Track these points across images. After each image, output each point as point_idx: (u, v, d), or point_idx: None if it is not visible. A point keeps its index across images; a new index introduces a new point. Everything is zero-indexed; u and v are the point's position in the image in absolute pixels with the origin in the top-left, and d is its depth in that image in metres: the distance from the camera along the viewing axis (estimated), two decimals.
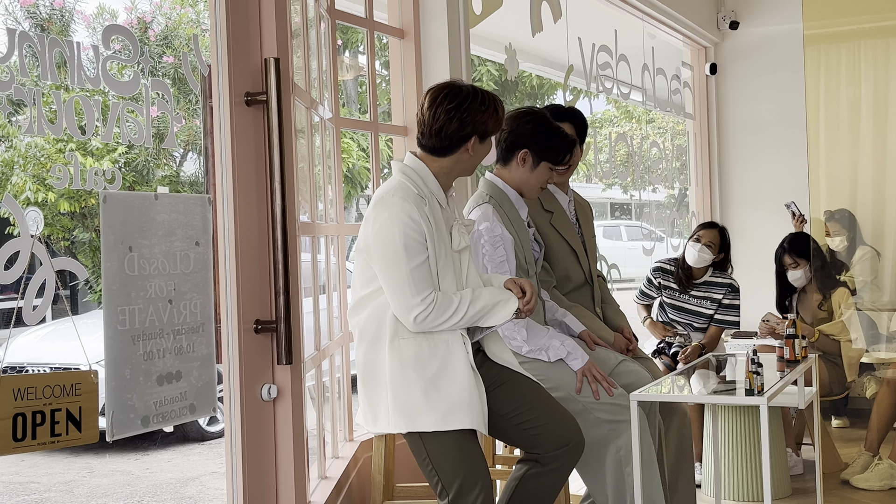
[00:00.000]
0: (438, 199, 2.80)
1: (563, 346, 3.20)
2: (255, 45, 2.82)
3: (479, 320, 2.74)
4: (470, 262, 2.86)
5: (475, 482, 2.71)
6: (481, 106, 2.78)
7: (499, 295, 2.76)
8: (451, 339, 2.72)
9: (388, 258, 2.67)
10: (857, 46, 5.56)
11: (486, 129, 2.80)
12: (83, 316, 9.50)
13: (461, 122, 2.75)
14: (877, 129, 5.48)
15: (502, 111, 2.86)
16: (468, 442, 2.73)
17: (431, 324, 2.68)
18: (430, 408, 2.67)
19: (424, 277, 2.67)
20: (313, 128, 3.53)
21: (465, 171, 2.88)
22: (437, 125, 2.76)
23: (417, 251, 2.67)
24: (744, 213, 6.87)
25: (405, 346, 2.70)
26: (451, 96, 2.77)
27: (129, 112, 2.45)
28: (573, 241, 3.54)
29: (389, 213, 2.68)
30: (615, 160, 6.16)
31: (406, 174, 2.77)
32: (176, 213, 2.50)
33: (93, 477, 6.82)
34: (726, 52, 6.93)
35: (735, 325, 5.21)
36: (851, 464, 4.90)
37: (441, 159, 2.80)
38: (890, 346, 5.31)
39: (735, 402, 4.10)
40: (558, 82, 5.38)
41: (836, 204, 5.51)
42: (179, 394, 2.51)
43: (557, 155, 3.29)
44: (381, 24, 4.05)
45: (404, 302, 2.67)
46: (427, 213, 2.71)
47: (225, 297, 2.77)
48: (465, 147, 2.79)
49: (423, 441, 2.71)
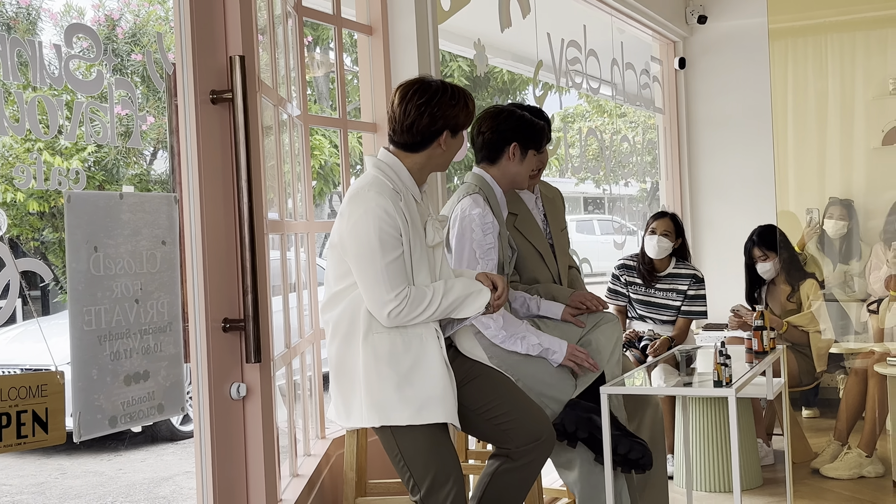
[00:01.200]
0: (413, 193, 2.81)
1: (540, 343, 3.22)
2: (220, 42, 2.81)
3: (452, 312, 2.76)
4: (444, 256, 2.87)
5: (447, 478, 2.72)
6: (451, 100, 2.79)
7: (471, 286, 2.78)
8: (425, 334, 2.73)
9: (363, 253, 2.67)
10: (823, 40, 5.60)
11: (457, 123, 2.81)
12: (54, 316, 9.44)
13: (432, 117, 2.76)
14: (844, 122, 5.53)
15: (472, 105, 2.87)
16: (440, 437, 2.74)
17: (405, 318, 2.68)
18: (404, 402, 2.68)
19: (399, 273, 2.68)
20: (281, 125, 3.52)
21: (438, 167, 2.89)
22: (409, 121, 2.77)
23: (392, 246, 2.67)
24: (713, 206, 6.91)
25: (379, 340, 2.70)
26: (421, 91, 2.78)
27: (94, 111, 2.44)
28: (538, 243, 3.55)
29: (365, 208, 2.68)
30: (587, 155, 6.18)
31: (380, 169, 2.78)
32: (142, 213, 2.49)
33: (65, 478, 6.77)
34: (695, 46, 6.97)
35: (702, 315, 5.25)
36: (821, 453, 4.95)
37: (414, 155, 2.81)
38: (859, 336, 5.37)
39: (704, 393, 4.13)
40: (529, 77, 5.38)
41: (804, 198, 5.56)
42: (147, 393, 2.50)
43: (540, 141, 3.42)
44: (349, 20, 4.04)
45: (378, 297, 2.67)
46: (402, 207, 2.71)
47: (192, 296, 2.76)
48: (437, 142, 2.80)
49: (394, 436, 2.72)
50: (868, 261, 5.35)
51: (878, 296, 5.20)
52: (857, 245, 5.44)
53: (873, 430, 4.78)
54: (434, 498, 2.72)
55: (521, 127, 3.38)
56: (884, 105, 5.42)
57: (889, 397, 4.68)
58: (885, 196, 5.38)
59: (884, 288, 5.14)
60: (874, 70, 5.48)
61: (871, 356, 4.92)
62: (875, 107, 5.45)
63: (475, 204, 3.23)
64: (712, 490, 4.71)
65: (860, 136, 5.49)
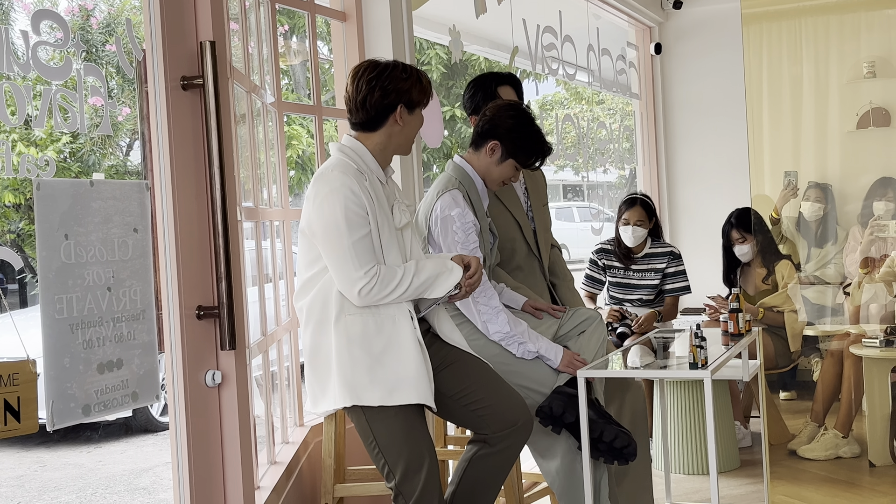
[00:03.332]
0: (378, 175, 2.81)
1: (537, 352, 3.21)
2: (191, 28, 2.79)
3: (424, 292, 2.75)
4: (413, 238, 2.87)
5: (421, 463, 2.72)
6: (402, 74, 2.80)
7: (442, 266, 2.78)
8: (398, 315, 2.73)
9: (330, 232, 2.67)
10: (797, 24, 5.62)
11: (410, 99, 2.81)
12: (33, 308, 9.37)
13: (383, 91, 2.77)
14: (818, 106, 5.55)
15: (427, 82, 2.87)
16: (414, 422, 2.74)
17: (376, 297, 2.68)
18: (376, 383, 2.68)
19: (367, 251, 2.68)
20: (255, 112, 3.51)
21: (400, 147, 2.87)
22: (360, 97, 2.79)
23: (359, 224, 2.68)
24: (689, 191, 6.94)
25: (351, 322, 2.70)
26: (370, 68, 2.81)
27: (64, 98, 2.42)
28: (517, 213, 3.54)
29: (330, 188, 2.69)
30: (565, 142, 6.19)
31: (343, 152, 2.79)
32: (112, 200, 2.47)
33: (44, 471, 6.74)
34: (670, 31, 6.98)
35: (686, 290, 5.26)
36: (798, 435, 4.99)
37: (373, 134, 2.81)
38: (835, 319, 5.40)
39: (679, 376, 4.16)
40: (506, 64, 5.38)
41: (779, 182, 5.58)
42: (121, 382, 2.49)
43: (528, 157, 3.29)
44: (323, 6, 4.03)
45: (347, 276, 2.67)
46: (367, 187, 2.72)
47: (165, 283, 2.75)
48: (393, 117, 2.80)
49: (367, 420, 2.72)
50: (845, 244, 5.39)
51: (854, 278, 5.24)
52: (832, 229, 5.47)
53: (849, 411, 4.82)
54: (409, 484, 2.72)
55: (515, 132, 3.26)
56: (858, 89, 5.44)
57: (864, 378, 4.72)
58: (861, 180, 5.41)
59: (859, 269, 5.17)
60: (848, 54, 5.50)
61: (846, 338, 4.96)
62: (849, 91, 5.47)
63: (454, 203, 3.20)
64: (690, 472, 4.74)
65: (834, 120, 5.51)
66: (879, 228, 5.20)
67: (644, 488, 3.56)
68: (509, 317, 3.20)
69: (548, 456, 3.34)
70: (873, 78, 5.38)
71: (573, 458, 3.26)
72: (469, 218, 3.18)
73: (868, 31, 5.52)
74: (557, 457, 3.31)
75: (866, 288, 5.18)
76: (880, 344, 4.67)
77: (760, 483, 4.42)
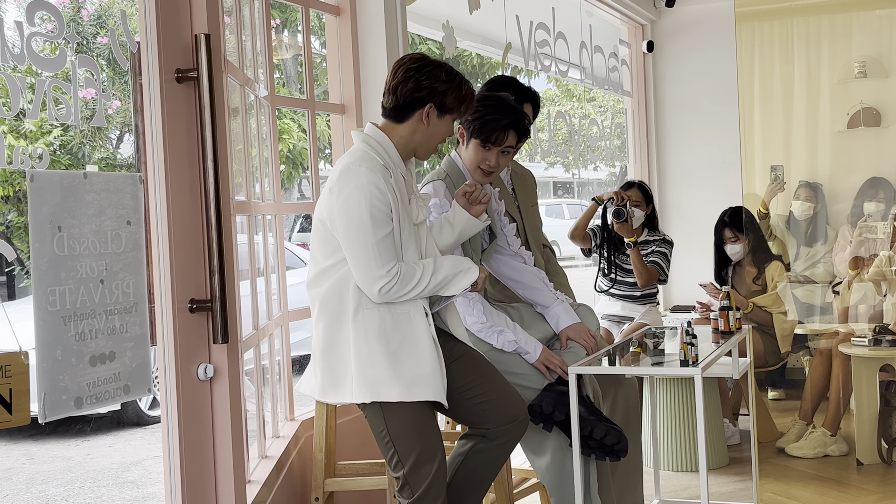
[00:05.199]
0: (401, 170, 2.79)
1: (516, 341, 3.22)
2: (185, 20, 2.79)
3: (441, 290, 2.75)
4: (429, 234, 2.86)
5: (433, 456, 2.73)
6: (445, 76, 2.77)
7: (459, 265, 2.78)
8: (414, 312, 2.73)
9: (354, 229, 2.66)
10: (789, 23, 5.63)
11: (444, 102, 2.77)
12: (20, 301, 9.34)
13: (417, 83, 2.75)
14: (809, 105, 5.57)
15: (469, 92, 2.81)
16: (426, 417, 2.75)
17: (396, 295, 2.68)
18: (395, 379, 2.67)
19: (389, 249, 2.67)
20: (248, 106, 3.50)
21: (420, 147, 2.83)
22: (395, 82, 2.78)
23: (384, 222, 2.66)
24: (680, 189, 6.96)
25: (369, 317, 2.69)
26: (415, 60, 2.81)
27: (57, 90, 2.41)
28: (512, 211, 3.55)
29: (356, 184, 2.66)
30: (556, 139, 6.19)
31: (368, 144, 2.76)
32: (106, 192, 2.46)
33: (32, 464, 6.72)
34: (663, 29, 6.99)
35: (659, 269, 5.22)
36: (786, 433, 5.01)
37: (398, 126, 2.79)
38: (823, 318, 5.43)
39: (670, 373, 4.17)
40: (498, 61, 5.38)
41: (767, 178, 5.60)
42: (113, 374, 2.48)
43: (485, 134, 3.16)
44: (317, 0, 4.02)
45: (369, 273, 2.66)
46: (393, 184, 2.70)
47: (158, 276, 2.75)
48: (420, 113, 2.76)
49: (383, 413, 2.71)
50: (835, 243, 5.41)
51: (844, 277, 5.26)
52: (822, 228, 5.49)
53: (837, 410, 4.84)
54: (417, 475, 2.72)
55: (473, 115, 3.16)
56: (848, 89, 5.46)
57: (853, 377, 4.74)
58: (851, 179, 5.43)
59: (848, 268, 5.20)
60: (839, 54, 5.52)
61: (835, 337, 4.98)
62: (840, 90, 5.49)
63: (434, 193, 3.21)
64: (679, 469, 4.76)
65: (825, 119, 5.53)
66: (869, 229, 5.22)
67: (634, 484, 3.57)
68: (486, 307, 3.21)
69: (538, 452, 3.35)
70: (864, 78, 5.40)
71: (563, 455, 3.27)
72: (446, 209, 3.17)
73: (859, 31, 5.54)
74: (548, 453, 3.32)
75: (855, 288, 5.21)
76: (869, 343, 4.69)
77: (749, 480, 4.44)
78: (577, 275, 5.19)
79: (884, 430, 4.70)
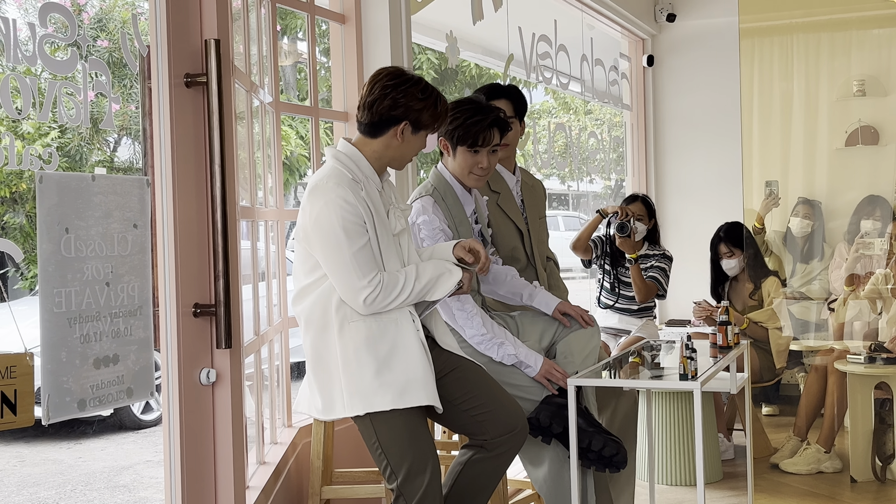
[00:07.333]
0: (374, 182, 2.80)
1: (515, 355, 3.22)
2: (195, 26, 2.79)
3: (426, 294, 2.76)
4: (410, 243, 2.87)
5: (424, 466, 2.72)
6: (420, 93, 2.76)
7: (441, 267, 2.79)
8: (400, 318, 2.73)
9: (330, 244, 2.67)
10: (789, 41, 5.67)
11: (419, 119, 2.77)
12: (14, 303, 9.31)
13: (394, 101, 2.74)
14: (808, 123, 5.60)
15: (444, 110, 2.82)
16: (418, 425, 2.74)
17: (381, 304, 2.68)
18: (385, 387, 2.67)
19: (368, 259, 2.68)
20: (253, 112, 3.51)
21: (395, 162, 2.84)
22: (371, 98, 2.76)
23: (358, 234, 2.67)
24: (678, 204, 6.98)
25: (355, 329, 2.70)
26: (392, 76, 2.78)
27: (66, 92, 2.41)
28: (519, 222, 3.55)
29: (325, 200, 2.67)
30: (554, 150, 6.21)
31: (339, 160, 2.77)
32: (113, 195, 2.47)
33: (24, 466, 6.70)
34: (663, 44, 7.02)
35: (658, 284, 5.23)
36: (781, 448, 5.02)
37: (373, 141, 2.79)
38: (819, 334, 5.45)
39: (669, 387, 4.17)
40: (497, 72, 5.40)
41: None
42: (117, 377, 2.48)
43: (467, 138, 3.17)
44: (322, 8, 4.03)
45: (351, 285, 2.66)
46: (364, 197, 2.71)
47: (163, 280, 2.75)
48: (395, 130, 2.76)
49: (373, 424, 2.71)
50: (831, 260, 5.43)
51: (840, 294, 5.29)
52: (819, 245, 5.52)
53: (832, 427, 4.86)
54: (410, 486, 2.71)
55: (453, 124, 3.17)
56: (847, 107, 5.50)
57: (848, 394, 4.76)
58: (848, 196, 5.46)
59: (844, 286, 5.22)
60: (838, 72, 5.56)
61: (830, 353, 5.00)
62: (838, 108, 5.53)
63: (422, 210, 3.19)
64: (673, 483, 4.77)
65: (823, 137, 5.57)
66: (865, 246, 5.25)
67: (625, 491, 3.58)
68: (485, 319, 3.21)
69: (536, 463, 3.35)
70: (863, 96, 5.44)
71: (561, 466, 3.27)
72: (435, 225, 3.17)
73: (858, 49, 5.58)
74: (545, 464, 3.32)
75: (851, 305, 5.23)
76: (864, 360, 4.71)
77: (743, 496, 4.45)
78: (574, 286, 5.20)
79: (878, 447, 4.71)
